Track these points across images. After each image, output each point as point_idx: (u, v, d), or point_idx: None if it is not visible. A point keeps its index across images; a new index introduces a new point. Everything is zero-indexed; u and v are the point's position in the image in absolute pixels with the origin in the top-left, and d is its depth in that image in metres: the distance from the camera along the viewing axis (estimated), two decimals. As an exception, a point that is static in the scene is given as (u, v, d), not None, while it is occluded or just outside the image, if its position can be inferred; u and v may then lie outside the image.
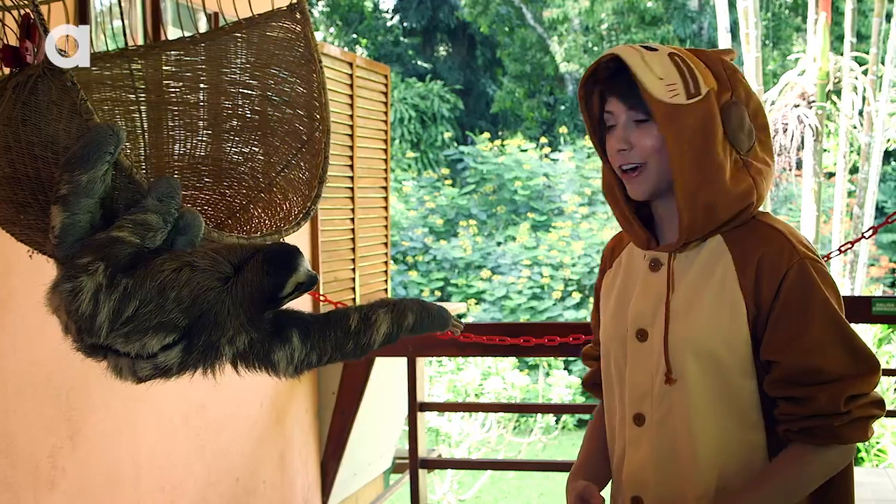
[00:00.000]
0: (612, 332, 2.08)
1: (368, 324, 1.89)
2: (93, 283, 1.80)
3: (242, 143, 2.36)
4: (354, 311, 1.91)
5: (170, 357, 1.84)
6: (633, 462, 2.01)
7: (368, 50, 24.73)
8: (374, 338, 1.90)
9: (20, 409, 3.56)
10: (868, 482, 6.40)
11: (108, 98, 2.29)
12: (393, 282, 16.31)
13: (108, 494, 4.06)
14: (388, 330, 1.91)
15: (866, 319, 6.02)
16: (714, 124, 1.89)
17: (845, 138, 11.87)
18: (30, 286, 1.88)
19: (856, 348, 1.86)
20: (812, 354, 1.83)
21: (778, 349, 1.86)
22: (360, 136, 6.58)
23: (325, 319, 1.90)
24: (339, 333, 1.89)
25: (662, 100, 1.87)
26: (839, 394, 1.82)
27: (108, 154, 1.85)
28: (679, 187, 1.89)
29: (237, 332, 1.84)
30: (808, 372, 1.83)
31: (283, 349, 1.87)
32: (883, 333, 12.70)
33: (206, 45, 2.32)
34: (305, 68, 2.30)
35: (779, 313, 1.85)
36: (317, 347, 1.88)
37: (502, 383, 12.52)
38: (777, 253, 1.87)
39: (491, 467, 10.46)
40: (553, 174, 18.83)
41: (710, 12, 22.14)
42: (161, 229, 1.90)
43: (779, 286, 1.86)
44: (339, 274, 6.39)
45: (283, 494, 5.77)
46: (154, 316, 1.80)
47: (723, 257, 1.92)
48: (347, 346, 1.90)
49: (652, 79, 1.88)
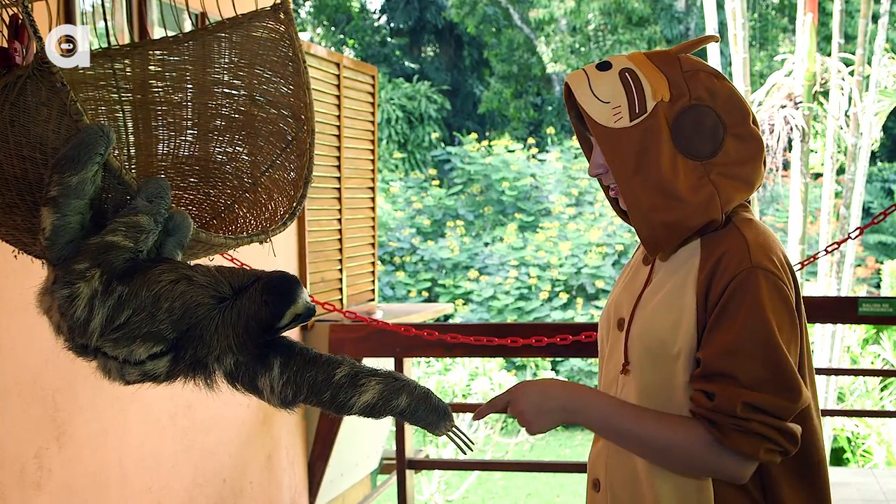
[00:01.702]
0: (603, 321, 2.14)
1: (355, 383, 1.87)
2: (89, 290, 1.80)
3: (227, 143, 2.35)
4: (346, 365, 1.90)
5: (158, 366, 1.85)
6: (596, 447, 2.10)
7: (355, 50, 24.72)
8: (355, 401, 1.88)
9: (6, 410, 3.54)
10: (854, 482, 6.42)
11: (91, 98, 2.28)
12: (380, 282, 16.31)
13: (94, 495, 4.05)
14: (372, 400, 1.88)
15: (852, 320, 6.05)
16: (658, 141, 1.89)
17: (832, 139, 11.89)
18: (16, 287, 1.88)
19: (777, 369, 1.81)
20: (729, 357, 1.81)
21: (703, 346, 1.86)
22: (347, 136, 6.58)
23: (311, 358, 1.90)
24: (319, 378, 1.87)
25: (606, 125, 1.89)
26: (736, 397, 1.78)
27: (98, 155, 1.85)
28: (631, 210, 1.92)
29: (223, 352, 1.84)
30: (720, 373, 1.82)
31: (265, 376, 1.88)
32: (868, 334, 12.75)
33: (190, 44, 2.32)
34: (290, 68, 2.30)
35: (716, 314, 1.84)
36: (292, 382, 1.88)
37: (489, 384, 12.51)
38: (731, 257, 1.86)
39: (478, 468, 10.47)
40: (540, 175, 18.84)
41: (697, 13, 22.20)
42: (152, 231, 1.90)
43: (723, 289, 1.85)
44: (326, 275, 6.38)
45: (271, 495, 5.76)
46: (144, 325, 1.81)
47: (693, 257, 1.93)
48: (324, 395, 1.88)
49: (597, 106, 1.91)
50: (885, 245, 18.90)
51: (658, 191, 1.88)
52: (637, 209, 1.91)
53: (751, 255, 1.85)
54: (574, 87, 1.93)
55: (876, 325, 11.20)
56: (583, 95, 1.91)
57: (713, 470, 1.86)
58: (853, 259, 12.57)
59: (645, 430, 1.87)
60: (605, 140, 1.90)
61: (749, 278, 1.83)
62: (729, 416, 1.79)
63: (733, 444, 1.80)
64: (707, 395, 1.83)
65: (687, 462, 1.87)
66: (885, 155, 21.73)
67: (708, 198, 1.89)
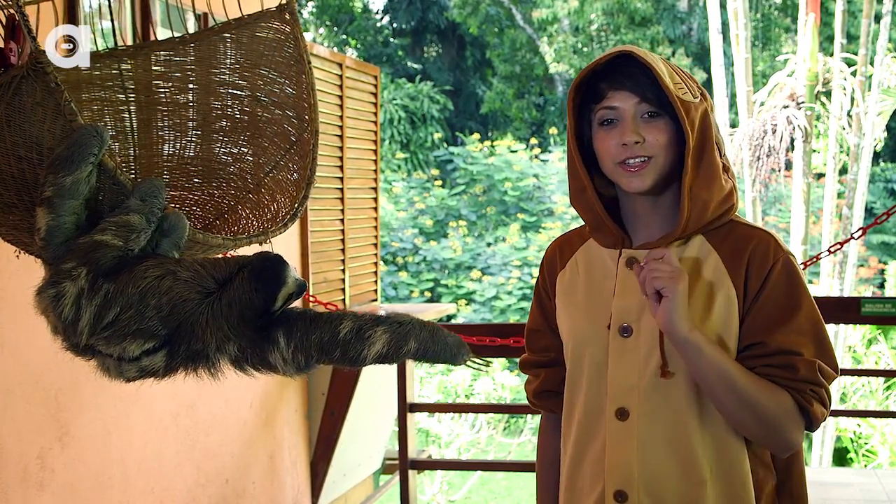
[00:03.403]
0: (587, 331, 2.08)
1: (361, 337, 1.85)
2: (75, 288, 1.80)
3: (231, 144, 2.35)
4: (349, 319, 1.87)
5: (154, 361, 1.84)
6: (615, 456, 2.01)
7: (358, 51, 24.72)
8: (366, 353, 1.85)
9: (9, 410, 3.55)
10: (857, 482, 6.41)
11: (97, 98, 2.28)
12: (383, 283, 16.31)
13: (97, 495, 4.05)
14: (383, 350, 1.85)
15: (855, 320, 6.04)
16: (711, 125, 1.97)
17: (835, 139, 11.88)
18: (18, 286, 1.88)
19: (827, 343, 1.96)
20: (796, 337, 1.92)
21: (763, 331, 1.93)
22: (349, 136, 6.58)
23: (312, 320, 1.87)
24: (325, 337, 1.85)
25: (678, 95, 1.92)
26: (814, 368, 1.91)
27: (92, 155, 1.85)
28: (687, 181, 1.95)
29: (222, 342, 1.83)
30: (789, 352, 1.91)
31: (274, 351, 1.85)
32: (872, 334, 12.74)
33: (195, 45, 2.32)
34: (294, 69, 2.29)
35: (764, 301, 1.93)
36: (301, 349, 1.85)
37: (492, 384, 12.52)
38: (764, 248, 1.96)
39: (480, 468, 10.47)
40: (543, 175, 18.85)
41: (700, 13, 22.18)
42: (144, 230, 1.90)
43: (765, 277, 1.94)
44: (328, 275, 6.38)
45: (273, 495, 5.76)
46: (133, 322, 1.80)
47: (710, 256, 1.98)
48: (335, 353, 1.86)
49: (666, 75, 1.93)
50: (888, 245, 18.89)
51: (711, 171, 1.96)
52: (691, 181, 1.95)
53: (780, 244, 1.97)
54: (643, 54, 1.93)
55: (879, 325, 11.19)
56: (653, 61, 1.93)
57: (786, 434, 1.94)
58: (856, 259, 12.56)
59: (745, 379, 1.90)
60: (682, 108, 1.92)
61: (788, 265, 1.95)
62: (810, 384, 1.91)
63: (809, 406, 1.91)
64: (781, 368, 1.91)
65: (767, 421, 1.92)
66: (887, 155, 21.71)
67: (730, 193, 2.00)
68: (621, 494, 2.00)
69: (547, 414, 2.29)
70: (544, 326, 2.23)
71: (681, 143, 1.96)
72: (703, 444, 1.95)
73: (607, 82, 1.98)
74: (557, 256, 2.20)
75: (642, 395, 1.98)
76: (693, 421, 1.96)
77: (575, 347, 2.10)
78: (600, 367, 2.04)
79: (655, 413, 1.97)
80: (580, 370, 2.09)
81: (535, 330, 2.27)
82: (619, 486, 2.00)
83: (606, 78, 1.99)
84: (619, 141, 1.96)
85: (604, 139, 2.00)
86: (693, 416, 1.96)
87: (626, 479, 1.99)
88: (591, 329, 2.06)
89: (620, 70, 1.97)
